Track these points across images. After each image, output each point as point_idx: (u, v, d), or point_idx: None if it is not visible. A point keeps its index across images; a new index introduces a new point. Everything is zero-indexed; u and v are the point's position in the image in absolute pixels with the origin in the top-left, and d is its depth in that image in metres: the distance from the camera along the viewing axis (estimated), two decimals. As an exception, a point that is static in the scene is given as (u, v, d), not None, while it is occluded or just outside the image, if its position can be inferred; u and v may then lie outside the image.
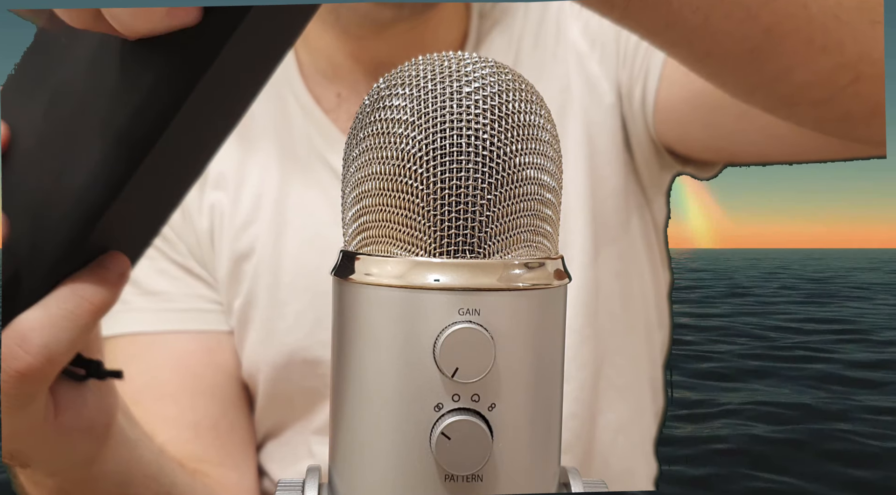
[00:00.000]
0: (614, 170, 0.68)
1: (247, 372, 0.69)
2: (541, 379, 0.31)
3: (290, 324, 0.67)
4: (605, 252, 0.68)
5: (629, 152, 0.69)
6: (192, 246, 0.70)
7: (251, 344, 0.68)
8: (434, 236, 0.30)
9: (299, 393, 0.68)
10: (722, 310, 8.81)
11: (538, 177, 0.31)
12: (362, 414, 0.30)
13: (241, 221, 0.69)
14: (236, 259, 0.69)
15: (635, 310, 0.72)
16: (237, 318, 0.69)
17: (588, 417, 0.69)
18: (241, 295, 0.68)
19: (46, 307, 0.37)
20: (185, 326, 0.67)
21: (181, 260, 0.69)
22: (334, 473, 0.32)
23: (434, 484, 0.29)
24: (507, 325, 0.29)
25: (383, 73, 0.33)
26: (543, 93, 0.33)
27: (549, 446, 0.31)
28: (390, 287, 0.30)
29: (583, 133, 0.68)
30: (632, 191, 0.70)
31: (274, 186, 0.69)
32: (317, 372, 0.66)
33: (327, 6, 0.63)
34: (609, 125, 0.68)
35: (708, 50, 0.46)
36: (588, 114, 0.68)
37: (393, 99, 0.31)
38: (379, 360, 0.30)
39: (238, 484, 0.67)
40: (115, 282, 0.38)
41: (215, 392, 0.67)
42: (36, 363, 0.36)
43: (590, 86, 0.68)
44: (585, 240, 0.67)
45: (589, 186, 0.67)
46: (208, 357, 0.68)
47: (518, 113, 0.30)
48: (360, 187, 0.31)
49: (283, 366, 0.67)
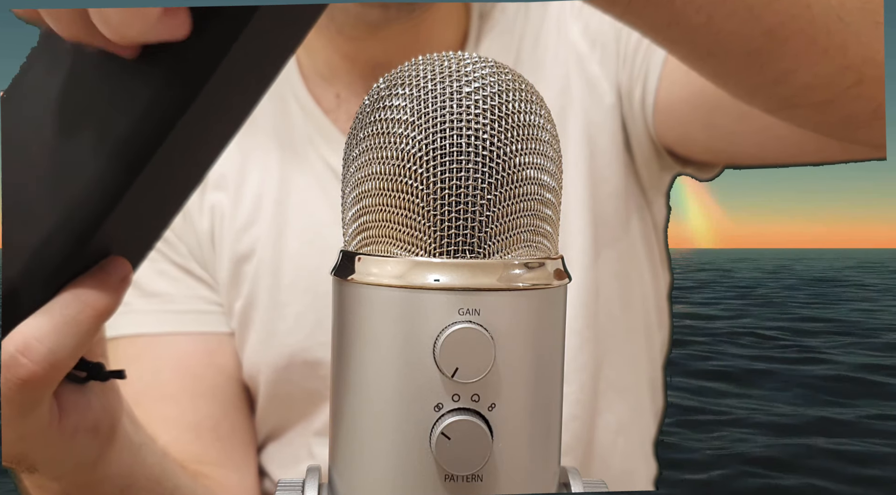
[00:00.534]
0: (614, 171, 0.68)
1: (247, 374, 0.69)
2: (541, 379, 0.31)
3: (291, 325, 0.67)
4: (605, 253, 0.68)
5: (629, 153, 0.69)
6: (192, 247, 0.70)
7: (252, 345, 0.68)
8: (434, 236, 0.30)
9: (300, 395, 0.68)
10: (720, 312, 8.81)
11: (538, 177, 0.31)
12: (362, 414, 0.30)
13: (241, 222, 0.69)
14: (237, 260, 0.68)
15: (635, 312, 0.72)
16: (238, 320, 0.69)
17: (588, 419, 0.69)
18: (242, 296, 0.68)
19: (49, 313, 0.36)
20: (186, 328, 0.67)
21: (182, 261, 0.69)
22: (334, 473, 0.32)
23: (434, 484, 0.29)
24: (507, 325, 0.29)
25: (380, 74, 0.33)
26: (544, 93, 0.33)
27: (548, 446, 0.31)
28: (390, 287, 0.30)
29: (583, 134, 0.68)
30: (632, 192, 0.70)
31: (274, 187, 0.69)
32: (317, 373, 0.66)
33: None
34: (609, 126, 0.68)
35: (710, 49, 0.45)
36: (588, 114, 0.68)
37: (393, 99, 0.31)
38: (379, 360, 0.30)
39: (239, 485, 0.67)
40: (117, 287, 0.38)
41: (216, 393, 0.67)
42: (40, 371, 0.36)
43: (590, 86, 0.68)
44: (586, 240, 0.67)
45: (589, 187, 0.67)
46: (209, 358, 0.68)
47: (518, 113, 0.30)
48: (360, 187, 0.31)
49: (283, 367, 0.67)
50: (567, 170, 0.66)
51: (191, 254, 0.70)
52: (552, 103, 0.34)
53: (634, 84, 0.67)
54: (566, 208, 0.65)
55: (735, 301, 10.52)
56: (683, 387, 4.52)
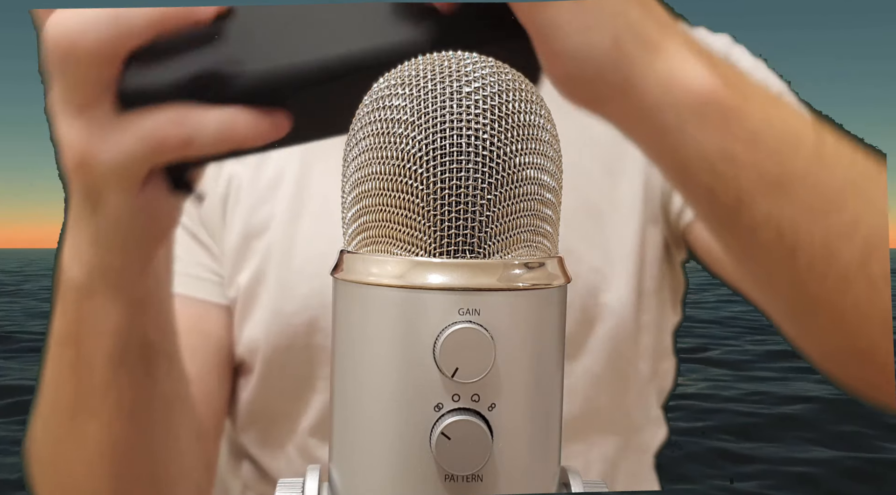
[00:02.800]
0: (657, 236, 0.69)
1: (245, 349, 0.69)
2: (541, 379, 0.31)
3: (298, 308, 0.66)
4: (646, 301, 0.69)
5: (666, 221, 0.70)
6: (203, 213, 0.70)
7: (255, 320, 0.68)
8: (434, 236, 0.30)
9: (294, 379, 0.68)
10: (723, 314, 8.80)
11: (538, 177, 0.31)
12: (362, 414, 0.30)
13: (257, 197, 0.69)
14: (248, 234, 0.68)
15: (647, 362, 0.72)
16: (243, 293, 0.68)
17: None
18: (249, 270, 0.68)
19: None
20: (178, 289, 0.67)
21: (190, 225, 0.69)
22: (334, 473, 0.32)
23: (434, 484, 0.29)
24: (507, 325, 0.29)
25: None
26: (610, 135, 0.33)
27: (548, 446, 0.31)
28: (390, 287, 0.30)
29: (641, 174, 0.68)
30: (665, 258, 0.71)
31: (295, 170, 0.69)
32: (316, 359, 0.66)
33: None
34: (660, 190, 0.69)
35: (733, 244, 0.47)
36: (646, 171, 0.68)
37: (392, 99, 0.31)
38: (379, 360, 0.30)
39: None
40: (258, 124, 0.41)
41: (194, 355, 0.67)
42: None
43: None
44: (629, 285, 0.67)
45: (640, 232, 0.67)
46: (194, 322, 0.67)
47: (518, 113, 0.30)
48: (359, 187, 0.31)
49: (284, 348, 0.67)
50: (621, 208, 0.66)
51: (201, 220, 0.70)
52: (615, 145, 0.34)
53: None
54: (616, 248, 0.65)
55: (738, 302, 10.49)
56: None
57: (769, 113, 0.45)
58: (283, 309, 0.67)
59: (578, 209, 0.66)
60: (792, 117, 0.47)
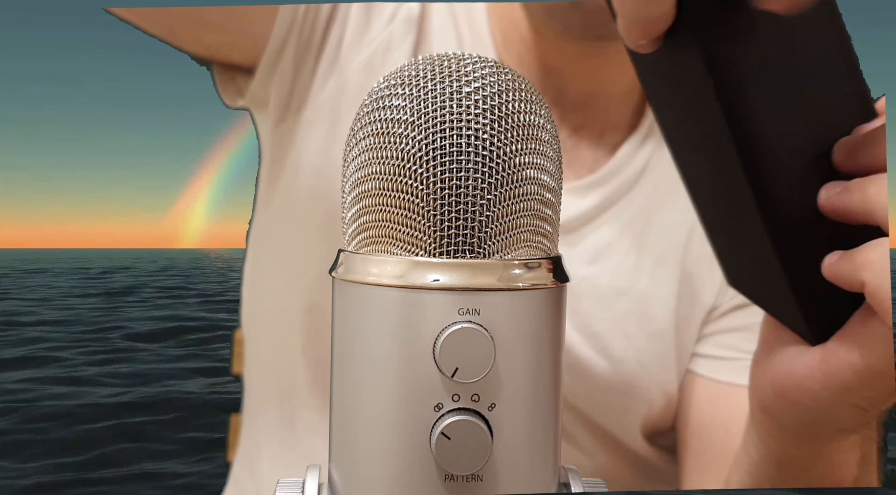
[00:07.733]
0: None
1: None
2: (541, 379, 0.30)
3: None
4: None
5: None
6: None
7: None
8: (434, 236, 0.30)
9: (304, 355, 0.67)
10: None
11: (538, 177, 0.31)
12: (362, 414, 0.30)
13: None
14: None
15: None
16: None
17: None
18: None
19: None
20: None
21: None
22: (334, 472, 0.32)
23: (434, 484, 0.29)
24: (507, 325, 0.29)
25: (549, 75, 0.32)
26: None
27: (548, 446, 0.31)
28: (390, 287, 0.30)
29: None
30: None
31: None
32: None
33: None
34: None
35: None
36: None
37: (393, 99, 0.31)
38: (379, 360, 0.30)
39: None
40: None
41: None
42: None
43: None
44: (669, 314, 0.66)
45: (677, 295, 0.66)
46: None
47: (518, 113, 0.30)
48: (359, 187, 0.31)
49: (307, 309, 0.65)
50: (665, 254, 0.66)
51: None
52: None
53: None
54: (656, 276, 0.65)
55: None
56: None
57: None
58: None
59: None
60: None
